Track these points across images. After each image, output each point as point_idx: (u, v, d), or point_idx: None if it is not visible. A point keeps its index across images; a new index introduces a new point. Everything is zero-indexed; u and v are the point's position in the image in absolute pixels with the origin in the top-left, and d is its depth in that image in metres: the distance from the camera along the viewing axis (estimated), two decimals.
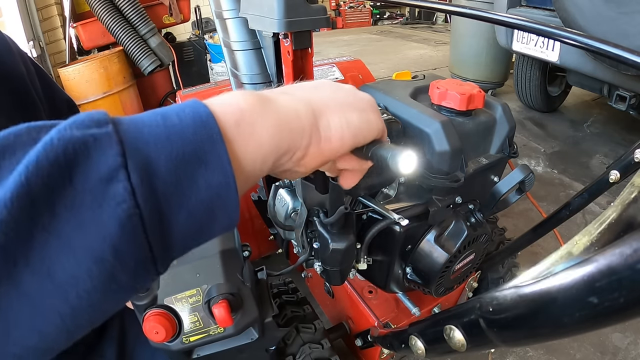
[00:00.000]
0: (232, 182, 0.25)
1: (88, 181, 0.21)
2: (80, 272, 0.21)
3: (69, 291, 0.21)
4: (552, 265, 0.30)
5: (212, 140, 0.25)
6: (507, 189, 0.64)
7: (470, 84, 0.68)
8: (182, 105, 0.26)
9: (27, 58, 0.59)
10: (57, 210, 0.20)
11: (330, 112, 0.34)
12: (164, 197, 0.23)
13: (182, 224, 0.24)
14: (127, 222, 0.21)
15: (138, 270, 0.23)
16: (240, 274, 0.56)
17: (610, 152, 2.29)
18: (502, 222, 1.25)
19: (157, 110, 0.26)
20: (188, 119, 0.25)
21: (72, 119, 0.23)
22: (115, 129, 0.23)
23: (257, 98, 0.30)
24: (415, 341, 0.48)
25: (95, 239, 0.21)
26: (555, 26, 0.46)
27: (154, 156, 0.23)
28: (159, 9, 2.30)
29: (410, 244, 0.71)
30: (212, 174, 0.24)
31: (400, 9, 7.91)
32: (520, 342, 0.31)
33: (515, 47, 2.20)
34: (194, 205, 0.24)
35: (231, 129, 0.27)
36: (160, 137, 0.23)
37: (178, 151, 0.23)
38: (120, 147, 0.22)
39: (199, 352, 0.60)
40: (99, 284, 0.21)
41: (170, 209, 0.23)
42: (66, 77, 1.95)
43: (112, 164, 0.21)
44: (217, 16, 0.96)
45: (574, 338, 1.18)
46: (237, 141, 0.27)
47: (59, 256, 0.20)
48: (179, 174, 0.23)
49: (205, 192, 0.24)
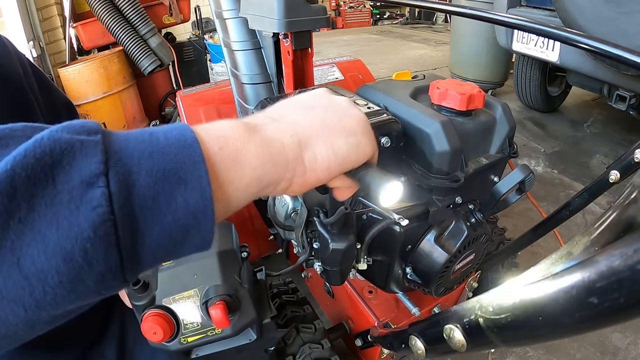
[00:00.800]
0: (210, 204, 0.26)
1: (69, 182, 0.22)
2: (49, 268, 0.21)
3: (36, 285, 0.21)
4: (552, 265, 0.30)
5: (193, 161, 0.25)
6: (507, 189, 0.64)
7: (470, 84, 0.67)
8: (171, 127, 0.27)
9: (25, 60, 0.59)
10: (35, 205, 0.21)
11: (317, 141, 0.33)
12: (140, 209, 0.23)
13: (154, 239, 0.24)
14: (100, 227, 0.22)
15: (105, 276, 0.23)
16: (238, 275, 0.56)
17: (610, 152, 2.29)
18: (502, 222, 1.25)
19: (147, 129, 0.26)
20: (173, 139, 0.26)
21: (66, 124, 0.24)
22: (103, 139, 0.24)
23: (243, 127, 0.30)
24: (415, 341, 0.48)
25: (67, 238, 0.21)
26: (555, 26, 0.46)
27: (135, 169, 0.24)
28: (159, 9, 2.29)
29: (410, 244, 0.71)
30: (191, 193, 0.25)
31: (400, 9, 7.91)
32: (520, 342, 0.31)
33: (515, 47, 2.20)
34: (169, 222, 0.25)
35: (215, 154, 0.27)
36: (144, 152, 0.24)
37: (159, 168, 0.24)
38: (104, 156, 0.23)
39: (197, 352, 0.60)
40: (66, 282, 0.22)
41: (145, 222, 0.24)
42: (66, 77, 1.95)
43: (94, 169, 0.22)
44: (217, 16, 0.96)
45: (574, 338, 1.18)
46: (220, 166, 0.27)
47: (30, 249, 0.21)
48: (157, 189, 0.24)
49: (181, 211, 0.25)
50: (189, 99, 1.24)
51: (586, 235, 0.31)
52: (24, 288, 0.21)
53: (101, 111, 2.01)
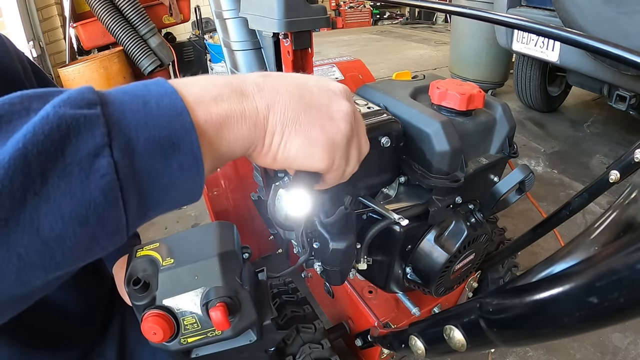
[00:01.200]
0: (201, 164, 0.29)
1: (77, 154, 0.24)
2: (66, 233, 0.24)
3: (56, 248, 0.24)
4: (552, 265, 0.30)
5: (184, 128, 0.28)
6: (507, 189, 0.64)
7: (470, 84, 0.67)
8: (160, 92, 0.29)
9: (24, 57, 0.59)
10: (48, 178, 0.23)
11: (280, 129, 0.35)
12: (141, 173, 0.27)
13: (154, 197, 0.28)
14: (109, 192, 0.25)
15: (114, 233, 0.26)
16: (239, 276, 0.55)
17: (610, 152, 2.29)
18: (502, 222, 1.25)
19: (139, 91, 0.28)
20: (165, 108, 0.28)
21: (66, 95, 0.26)
22: (102, 111, 0.26)
23: (235, 94, 0.33)
24: (415, 341, 0.48)
25: (81, 205, 0.24)
26: (555, 26, 0.46)
27: (134, 138, 0.26)
28: (159, 9, 2.30)
29: (410, 244, 0.71)
30: (184, 157, 0.28)
31: (400, 9, 7.91)
32: (520, 342, 0.31)
33: (515, 47, 2.20)
34: (166, 183, 0.28)
35: (205, 122, 0.30)
36: (140, 122, 0.27)
37: (155, 135, 0.27)
38: (106, 128, 0.25)
39: (197, 352, 0.60)
40: (83, 243, 0.25)
41: (146, 184, 0.27)
42: (66, 77, 1.95)
43: (99, 142, 0.24)
44: (217, 16, 0.96)
45: (574, 338, 1.18)
46: (209, 132, 0.30)
47: (47, 217, 0.23)
48: (155, 155, 0.27)
49: (176, 173, 0.28)
50: None
51: (586, 235, 0.31)
52: (45, 253, 0.23)
53: None
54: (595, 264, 0.23)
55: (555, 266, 0.29)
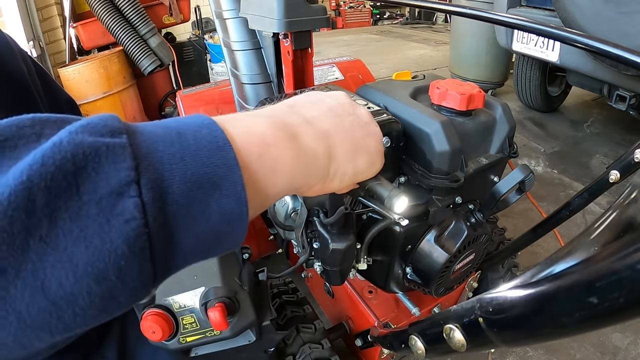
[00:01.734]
0: (245, 209, 0.25)
1: (96, 192, 0.19)
2: (79, 290, 0.19)
3: (65, 309, 0.19)
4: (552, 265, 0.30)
5: (227, 165, 0.24)
6: (507, 189, 0.64)
7: (470, 84, 0.67)
8: (198, 123, 0.25)
9: (28, 57, 0.59)
10: (58, 220, 0.19)
11: (343, 156, 0.36)
12: (174, 218, 0.22)
13: (188, 247, 0.23)
14: (135, 242, 0.20)
15: (138, 290, 0.21)
16: (238, 277, 0.56)
17: (610, 152, 2.29)
18: (502, 222, 1.25)
19: (172, 124, 0.25)
20: (204, 140, 0.24)
21: (86, 121, 0.21)
22: (129, 140, 0.21)
23: (283, 132, 0.30)
24: (415, 341, 0.48)
25: (99, 256, 0.19)
26: (555, 26, 0.46)
27: (168, 175, 0.22)
28: (159, 9, 2.29)
29: (410, 244, 0.71)
30: (226, 199, 0.24)
31: (400, 9, 7.91)
32: (520, 342, 0.31)
33: (515, 47, 2.20)
34: (203, 230, 0.23)
35: (253, 162, 0.27)
36: (175, 156, 0.22)
37: (192, 173, 0.22)
38: (134, 161, 0.21)
39: (197, 351, 0.61)
40: (98, 302, 0.20)
41: (179, 232, 0.22)
42: (66, 77, 1.94)
43: (124, 177, 0.20)
44: (217, 16, 0.96)
45: (574, 338, 1.18)
46: (258, 175, 0.27)
47: (56, 270, 0.18)
48: (192, 196, 0.22)
49: (215, 218, 0.23)
50: (189, 99, 1.24)
51: (586, 235, 0.31)
52: (51, 313, 0.19)
53: (101, 111, 1.98)
54: (595, 264, 0.23)
55: (555, 266, 0.29)
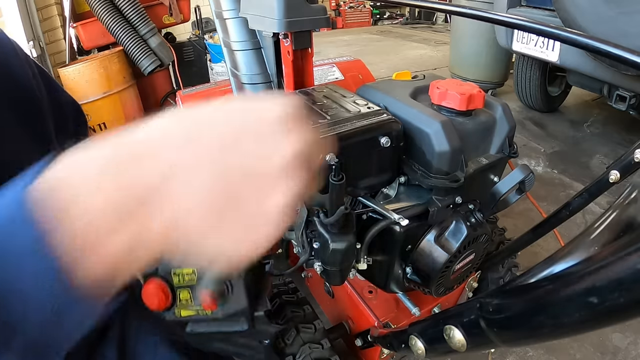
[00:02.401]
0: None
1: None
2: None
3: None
4: (552, 265, 0.30)
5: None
6: (507, 189, 0.64)
7: (470, 84, 0.67)
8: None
9: (32, 61, 0.60)
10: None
11: (198, 228, 0.27)
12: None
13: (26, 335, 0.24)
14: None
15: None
16: None
17: (610, 152, 2.29)
18: (502, 222, 1.25)
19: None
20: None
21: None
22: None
23: (116, 215, 0.24)
24: (415, 341, 0.48)
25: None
26: (555, 26, 0.46)
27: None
28: (159, 9, 2.30)
29: (410, 244, 0.71)
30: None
31: (400, 9, 7.91)
32: (520, 342, 0.31)
33: (515, 47, 2.20)
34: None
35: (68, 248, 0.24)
36: None
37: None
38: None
39: (192, 328, 0.63)
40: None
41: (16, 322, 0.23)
42: (66, 77, 1.95)
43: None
44: (217, 16, 0.96)
45: (574, 338, 1.18)
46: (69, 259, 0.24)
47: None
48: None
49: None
50: (189, 99, 1.24)
51: (586, 235, 0.31)
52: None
53: (101, 111, 2.00)
54: (595, 264, 0.23)
55: (555, 266, 0.29)
